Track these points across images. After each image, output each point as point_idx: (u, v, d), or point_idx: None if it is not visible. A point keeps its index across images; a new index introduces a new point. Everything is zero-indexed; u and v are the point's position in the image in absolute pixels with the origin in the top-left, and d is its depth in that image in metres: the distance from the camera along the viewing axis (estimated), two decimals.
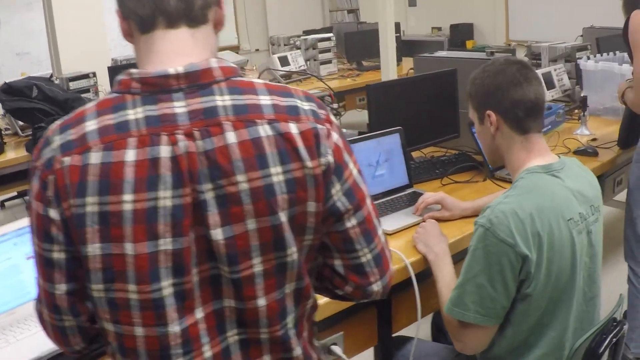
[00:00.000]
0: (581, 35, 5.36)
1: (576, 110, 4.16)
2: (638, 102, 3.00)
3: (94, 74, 5.98)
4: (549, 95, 4.17)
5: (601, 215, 2.07)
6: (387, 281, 1.43)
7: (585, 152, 3.34)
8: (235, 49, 10.14)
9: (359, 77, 6.68)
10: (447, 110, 3.33)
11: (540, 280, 1.85)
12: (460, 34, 9.21)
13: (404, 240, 2.41)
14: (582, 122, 3.81)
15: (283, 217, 1.25)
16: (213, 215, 1.19)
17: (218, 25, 1.34)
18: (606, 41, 4.79)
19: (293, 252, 1.27)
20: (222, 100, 1.21)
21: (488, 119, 2.03)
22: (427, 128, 3.23)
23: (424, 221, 2.43)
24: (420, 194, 2.68)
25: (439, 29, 9.81)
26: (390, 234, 2.46)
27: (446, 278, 2.09)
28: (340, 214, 1.34)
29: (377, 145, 2.81)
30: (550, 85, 4.22)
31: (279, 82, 6.27)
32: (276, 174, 1.22)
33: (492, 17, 9.20)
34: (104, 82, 5.94)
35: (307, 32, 7.54)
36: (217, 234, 1.20)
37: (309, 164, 1.25)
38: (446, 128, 3.30)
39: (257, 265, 1.24)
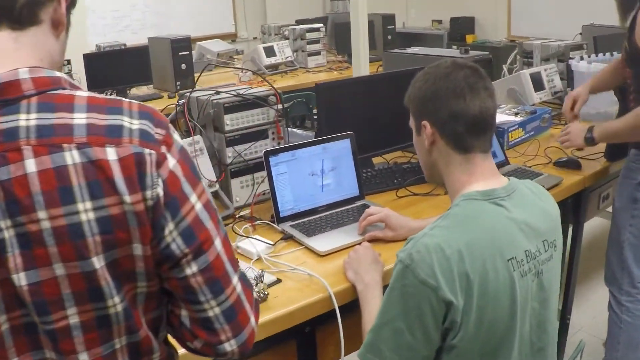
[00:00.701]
0: (580, 33, 5.00)
1: None
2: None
3: (69, 62, 5.78)
4: (536, 97, 3.84)
5: (558, 251, 1.75)
6: (245, 339, 1.21)
7: (568, 164, 3.02)
8: (233, 36, 9.87)
9: (347, 70, 6.35)
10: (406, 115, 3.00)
11: (469, 330, 1.53)
12: (461, 28, 8.85)
13: (336, 264, 2.11)
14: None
15: (97, 262, 1.03)
16: (14, 256, 1.01)
17: (58, 26, 1.12)
18: (604, 40, 4.43)
19: (116, 304, 1.08)
20: (27, 119, 1.01)
21: (424, 130, 1.71)
22: (389, 132, 2.90)
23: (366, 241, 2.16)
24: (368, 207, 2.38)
25: (440, 22, 9.47)
26: (322, 255, 2.18)
27: (371, 314, 1.76)
28: (177, 259, 1.11)
29: (323, 152, 2.51)
30: (538, 86, 3.88)
31: (263, 73, 5.96)
32: (84, 210, 1.02)
33: (494, 12, 8.85)
34: (79, 70, 5.68)
35: (299, 22, 7.22)
36: (20, 278, 1.02)
37: (128, 198, 1.04)
38: (411, 133, 2.93)
39: (73, 316, 1.06)
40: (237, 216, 2.54)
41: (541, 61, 4.28)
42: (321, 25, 6.60)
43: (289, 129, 2.95)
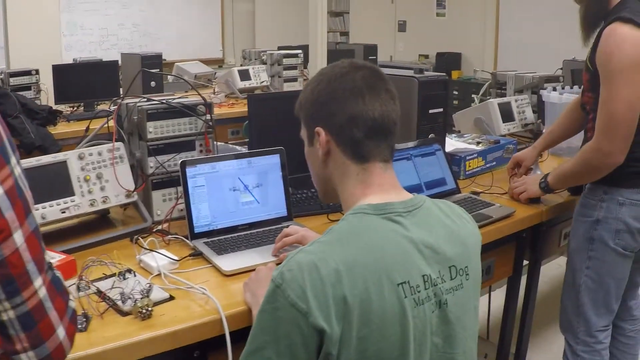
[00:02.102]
0: (560, 68, 4.82)
1: None
2: (605, 148, 2.36)
3: (37, 71, 5.61)
4: (504, 128, 3.63)
5: (473, 282, 1.51)
6: (48, 353, 1.05)
7: None
8: (220, 62, 9.75)
9: None
10: None
11: None
12: (446, 63, 8.72)
13: (240, 285, 1.89)
14: (534, 161, 3.24)
15: None
16: None
17: None
18: (581, 74, 4.23)
19: None
20: None
21: (317, 139, 1.50)
22: None
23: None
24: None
25: (426, 56, 9.35)
26: (227, 275, 1.99)
27: None
28: None
29: (248, 167, 2.29)
30: (508, 117, 3.69)
31: (237, 96, 5.82)
32: None
33: (481, 48, 8.75)
34: (47, 81, 5.52)
35: (281, 48, 7.05)
36: None
37: None
38: None
39: None
40: (155, 230, 2.31)
41: (515, 92, 4.09)
42: (300, 51, 6.44)
43: (222, 143, 2.74)
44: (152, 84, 5.54)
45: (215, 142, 2.52)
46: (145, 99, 2.47)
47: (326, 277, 1.28)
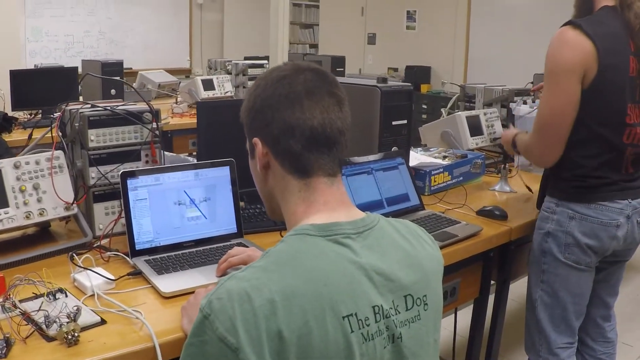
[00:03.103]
0: (531, 82, 4.70)
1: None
2: (530, 144, 2.45)
3: None
4: (472, 142, 3.49)
5: (432, 312, 1.34)
6: None
7: (492, 214, 2.65)
8: (187, 72, 9.60)
9: None
10: None
11: None
12: (416, 77, 8.62)
13: (179, 309, 1.71)
14: (501, 176, 3.13)
15: None
16: None
17: None
18: None
19: None
20: None
21: (256, 151, 1.35)
22: None
23: None
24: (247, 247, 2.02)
25: (395, 69, 9.25)
26: (166, 297, 1.81)
27: None
28: None
29: (195, 179, 2.13)
30: (476, 131, 3.55)
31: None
32: None
33: (451, 62, 8.68)
34: (4, 87, 5.33)
35: (247, 59, 6.90)
36: None
37: None
38: None
39: None
40: (95, 246, 2.14)
41: (484, 106, 3.97)
42: (265, 62, 6.29)
43: (172, 154, 2.57)
44: (112, 92, 5.36)
45: (162, 153, 2.35)
46: (89, 105, 2.29)
47: (259, 309, 1.11)
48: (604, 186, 2.34)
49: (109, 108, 2.26)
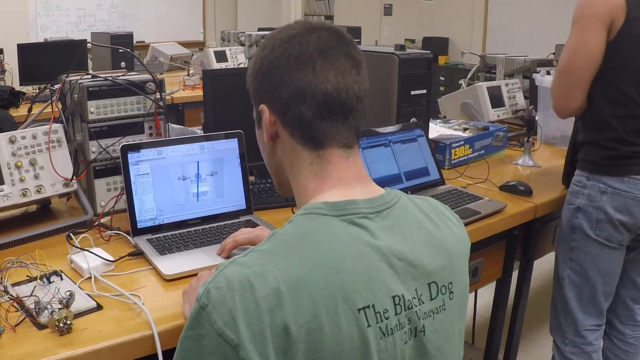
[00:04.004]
0: (553, 53, 4.51)
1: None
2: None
3: (1, 51, 5.29)
4: (494, 114, 3.34)
5: (458, 300, 1.20)
6: None
7: (516, 189, 2.50)
8: (201, 44, 9.45)
9: None
10: None
11: None
12: (433, 48, 8.39)
13: (181, 294, 1.59)
14: (525, 150, 2.97)
15: None
16: None
17: None
18: None
19: None
20: None
21: (263, 119, 1.20)
22: None
23: None
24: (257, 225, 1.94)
25: (413, 41, 9.04)
26: (168, 280, 1.69)
27: None
28: None
29: (200, 153, 2.00)
30: (497, 102, 3.39)
31: None
32: None
33: (469, 32, 8.46)
34: (12, 61, 5.24)
35: (261, 30, 6.73)
36: None
37: None
38: None
39: None
40: (96, 224, 2.02)
41: (505, 77, 3.80)
42: None
43: (180, 126, 2.44)
44: (122, 64, 5.23)
45: (167, 125, 2.22)
46: (90, 76, 2.17)
47: (263, 300, 0.98)
48: (636, 157, 2.22)
49: (110, 78, 2.13)
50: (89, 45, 5.73)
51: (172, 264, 1.74)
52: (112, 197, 2.08)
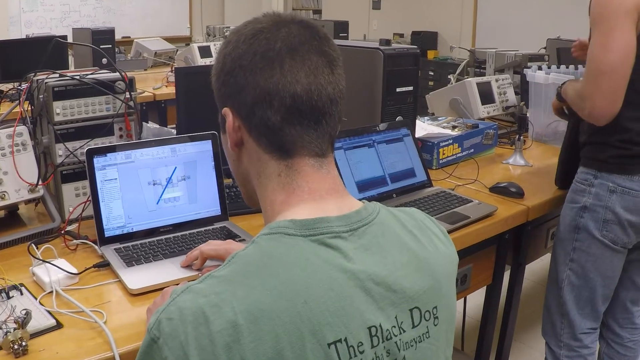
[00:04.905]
0: (544, 47, 4.43)
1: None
2: (586, 93, 2.06)
3: None
4: (484, 111, 3.23)
5: (443, 326, 1.07)
6: None
7: (507, 191, 2.39)
8: (187, 40, 9.32)
9: None
10: None
11: None
12: (422, 42, 8.29)
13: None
14: (516, 148, 2.87)
15: None
16: None
17: None
18: (568, 53, 3.82)
19: None
20: None
21: (227, 124, 1.07)
22: None
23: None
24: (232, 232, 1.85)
25: (401, 35, 8.92)
26: (134, 295, 1.58)
27: None
28: None
29: (171, 156, 1.88)
30: (487, 98, 3.29)
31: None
32: None
33: (459, 26, 8.35)
34: None
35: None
36: None
37: None
38: None
39: None
40: (64, 232, 1.91)
41: (495, 72, 3.69)
42: None
43: (157, 126, 2.32)
44: (104, 61, 5.08)
45: (139, 125, 2.11)
46: (57, 75, 2.05)
47: (218, 335, 0.86)
48: None
49: (76, 77, 2.01)
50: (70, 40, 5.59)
51: (140, 276, 1.63)
52: (79, 203, 1.96)
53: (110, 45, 5.19)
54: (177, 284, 1.38)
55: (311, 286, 0.91)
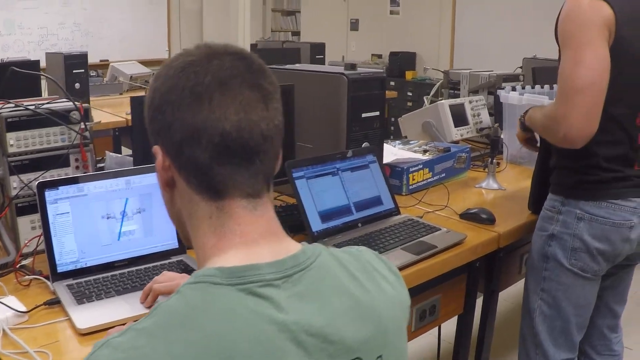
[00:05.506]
0: (520, 67, 4.41)
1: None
2: (559, 114, 1.95)
3: None
4: (457, 133, 3.19)
5: None
6: None
7: (476, 218, 2.34)
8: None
9: None
10: None
11: None
12: (401, 63, 8.30)
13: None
14: (489, 172, 2.82)
15: None
16: None
17: None
18: (545, 72, 3.81)
19: None
20: None
21: (156, 163, 1.02)
22: None
23: None
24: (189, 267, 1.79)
25: (379, 56, 8.92)
26: (83, 334, 1.51)
27: None
28: None
29: (126, 188, 1.82)
30: (461, 121, 3.25)
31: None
32: None
33: (437, 47, 8.36)
34: None
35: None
36: None
37: None
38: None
39: None
40: (19, 266, 1.85)
41: (469, 93, 3.66)
42: None
43: (119, 155, 2.26)
44: (77, 85, 5.03)
45: (93, 156, 2.04)
46: (12, 105, 1.99)
47: None
48: (616, 181, 2.06)
49: (31, 107, 1.95)
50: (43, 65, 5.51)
51: (89, 315, 1.56)
52: (32, 237, 1.89)
53: (83, 70, 5.11)
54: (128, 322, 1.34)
55: (238, 340, 0.85)
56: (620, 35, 1.94)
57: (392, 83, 8.06)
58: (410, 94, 7.97)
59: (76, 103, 1.99)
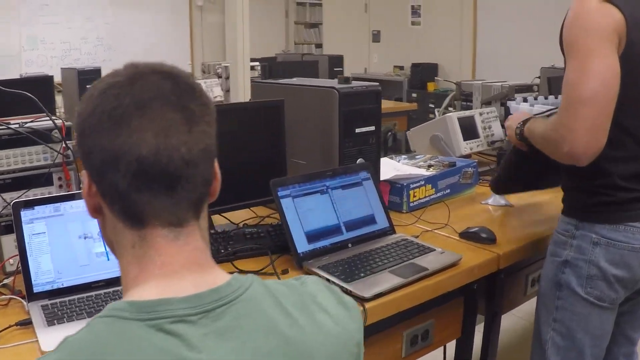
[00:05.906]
0: (538, 77, 4.30)
1: None
2: (563, 127, 1.81)
3: None
4: (466, 147, 3.11)
5: None
6: None
7: (476, 237, 2.24)
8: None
9: None
10: (266, 157, 2.25)
11: None
12: (422, 74, 8.23)
13: None
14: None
15: None
16: None
17: None
18: (560, 82, 3.69)
19: None
20: None
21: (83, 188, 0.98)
22: (236, 183, 2.13)
23: None
24: None
25: (401, 67, 8.86)
26: None
27: None
28: None
29: None
30: (470, 134, 3.17)
31: None
32: None
33: (458, 58, 8.26)
34: None
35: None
36: None
37: None
38: (264, 184, 2.00)
39: None
40: (0, 285, 1.83)
41: (482, 105, 3.57)
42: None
43: None
44: None
45: (77, 174, 2.02)
46: None
47: None
48: (634, 202, 1.91)
49: (11, 126, 1.92)
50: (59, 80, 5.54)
51: (57, 337, 1.50)
52: (10, 256, 1.86)
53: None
54: None
55: None
56: (631, 40, 1.81)
57: (414, 95, 8.00)
58: (432, 106, 7.89)
59: (57, 122, 1.96)
